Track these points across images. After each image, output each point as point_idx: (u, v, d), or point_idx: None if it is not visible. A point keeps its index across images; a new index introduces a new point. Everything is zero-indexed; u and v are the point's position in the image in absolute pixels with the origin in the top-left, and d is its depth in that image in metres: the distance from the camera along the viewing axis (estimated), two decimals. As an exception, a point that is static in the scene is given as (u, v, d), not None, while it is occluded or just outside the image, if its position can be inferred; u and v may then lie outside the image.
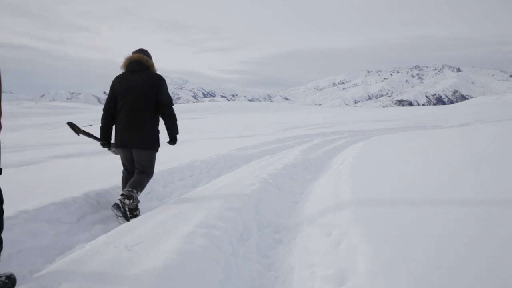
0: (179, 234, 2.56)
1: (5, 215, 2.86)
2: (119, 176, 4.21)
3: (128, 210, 3.47)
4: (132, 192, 3.42)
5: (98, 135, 3.79)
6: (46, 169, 5.51)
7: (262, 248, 2.93)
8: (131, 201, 3.38)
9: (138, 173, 3.60)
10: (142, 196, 4.20)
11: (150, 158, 3.62)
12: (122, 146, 3.56)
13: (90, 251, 2.37)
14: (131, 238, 2.57)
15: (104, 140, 3.67)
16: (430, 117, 26.74)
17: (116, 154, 3.80)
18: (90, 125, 28.08)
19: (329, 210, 3.39)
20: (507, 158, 5.02)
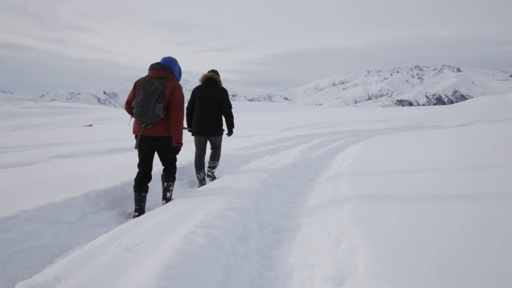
0: (179, 234, 2.56)
1: (5, 215, 2.88)
2: (121, 176, 4.29)
3: (208, 176, 5.34)
4: (214, 163, 5.34)
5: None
6: (46, 169, 5.51)
7: (262, 248, 2.93)
8: (215, 168, 5.35)
9: (213, 150, 5.35)
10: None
11: (219, 139, 5.32)
12: (197, 134, 5.21)
13: (90, 251, 2.37)
14: (131, 238, 2.57)
15: (190, 127, 5.30)
16: (430, 117, 26.74)
17: (189, 131, 5.36)
18: (90, 125, 28.08)
19: (329, 210, 3.39)
20: (506, 157, 5.02)
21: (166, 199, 4.10)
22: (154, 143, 3.86)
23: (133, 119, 3.94)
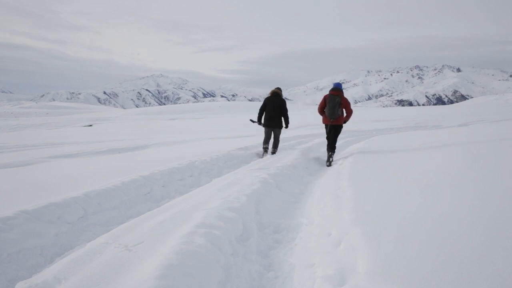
0: (179, 234, 2.56)
1: (5, 215, 2.88)
2: (119, 176, 4.29)
3: (272, 153, 7.79)
4: (275, 149, 7.93)
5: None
6: (46, 169, 5.51)
7: (262, 248, 2.93)
8: (275, 152, 7.88)
9: (274, 140, 7.96)
10: (141, 197, 4.28)
11: (279, 132, 8.00)
12: (267, 127, 7.89)
13: (90, 251, 2.37)
14: (131, 238, 2.57)
15: (259, 122, 8.10)
16: (430, 117, 26.69)
17: (259, 125, 8.13)
18: (90, 125, 28.08)
19: (329, 210, 3.39)
20: (505, 156, 5.02)
21: (331, 158, 7.04)
22: (335, 128, 7.05)
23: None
